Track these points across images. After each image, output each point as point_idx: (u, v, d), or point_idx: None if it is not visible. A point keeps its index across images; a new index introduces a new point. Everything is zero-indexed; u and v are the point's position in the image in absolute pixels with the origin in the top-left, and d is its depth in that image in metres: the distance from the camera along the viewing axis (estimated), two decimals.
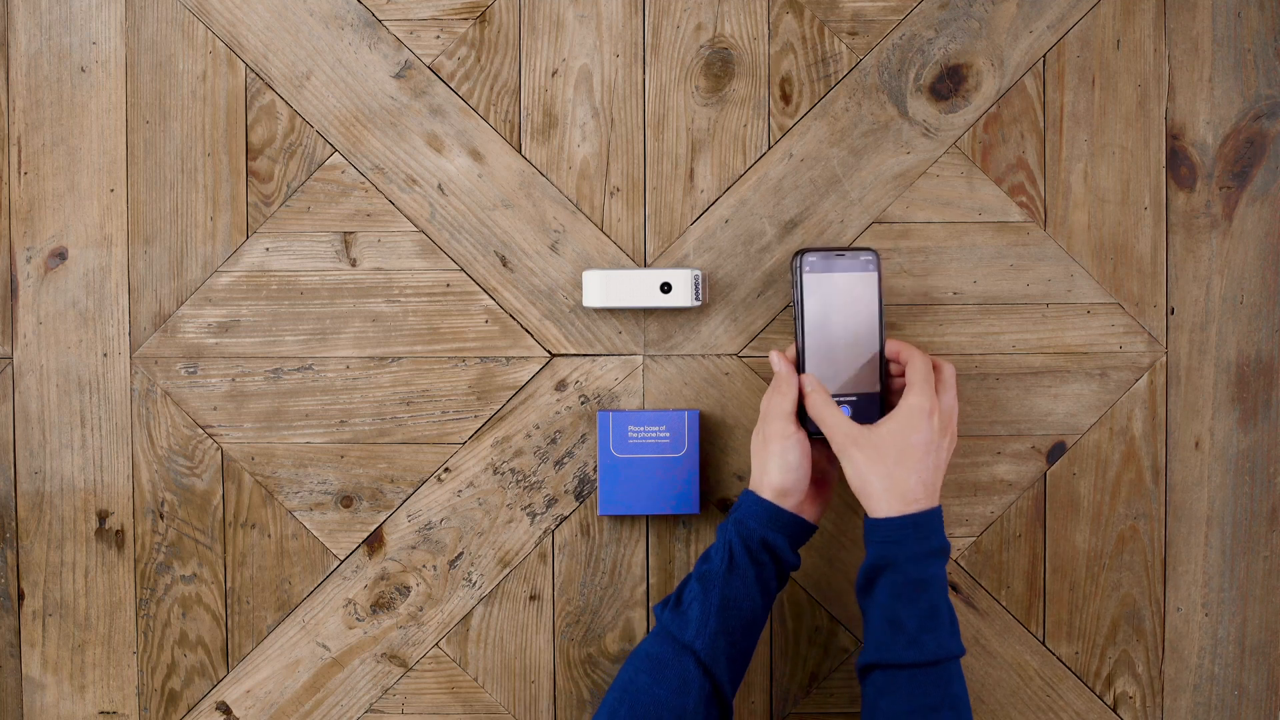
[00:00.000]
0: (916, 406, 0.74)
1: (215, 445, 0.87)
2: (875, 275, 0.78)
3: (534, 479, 0.87)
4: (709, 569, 0.75)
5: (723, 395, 0.86)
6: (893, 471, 0.72)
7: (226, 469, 0.87)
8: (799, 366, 0.79)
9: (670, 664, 0.73)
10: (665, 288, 0.83)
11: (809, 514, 0.78)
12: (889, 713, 0.71)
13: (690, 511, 0.85)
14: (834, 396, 0.78)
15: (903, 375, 0.78)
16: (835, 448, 0.74)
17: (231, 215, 0.87)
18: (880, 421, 0.74)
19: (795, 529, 0.76)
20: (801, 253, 0.78)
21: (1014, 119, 0.86)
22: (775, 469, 0.75)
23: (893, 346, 0.78)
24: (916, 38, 0.86)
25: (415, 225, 0.86)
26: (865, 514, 0.74)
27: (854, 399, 0.78)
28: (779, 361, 0.78)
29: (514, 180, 0.86)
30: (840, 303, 0.78)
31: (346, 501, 0.87)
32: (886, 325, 0.84)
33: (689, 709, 0.72)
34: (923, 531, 0.72)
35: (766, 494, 0.76)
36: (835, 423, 0.74)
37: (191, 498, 0.87)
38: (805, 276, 0.78)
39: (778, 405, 0.76)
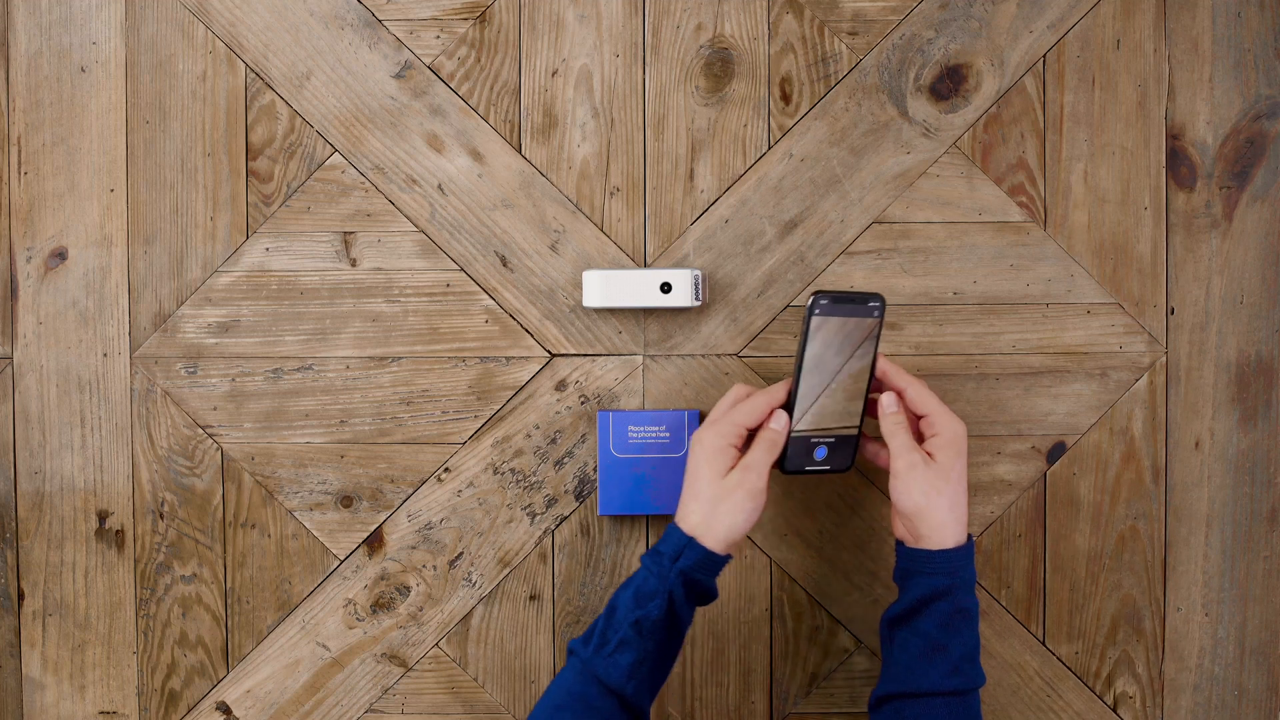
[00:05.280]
0: (957, 431, 0.73)
1: (215, 445, 0.87)
2: (878, 321, 0.76)
3: (534, 479, 0.87)
4: (645, 616, 0.72)
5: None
6: (955, 498, 0.72)
7: (226, 469, 0.87)
8: (789, 403, 0.76)
9: (596, 706, 0.71)
10: (665, 288, 0.83)
11: None
12: None
13: None
14: (813, 434, 0.76)
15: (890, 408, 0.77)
16: (899, 472, 0.73)
17: (231, 215, 0.87)
18: (927, 447, 0.74)
19: (723, 566, 0.75)
20: (817, 294, 0.75)
21: (1014, 119, 0.86)
22: (743, 522, 0.72)
23: (894, 378, 0.76)
24: (916, 38, 0.86)
25: (415, 225, 0.86)
26: (911, 544, 0.74)
27: (832, 440, 0.77)
28: (781, 421, 0.75)
29: (514, 180, 0.86)
30: (839, 345, 0.76)
31: (346, 501, 0.87)
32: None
33: None
34: (971, 560, 0.73)
35: (716, 545, 0.72)
36: (904, 448, 0.73)
37: (191, 498, 0.87)
38: (814, 318, 0.75)
39: (765, 459, 0.74)
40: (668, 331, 0.86)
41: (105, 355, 0.87)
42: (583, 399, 0.87)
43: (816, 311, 0.75)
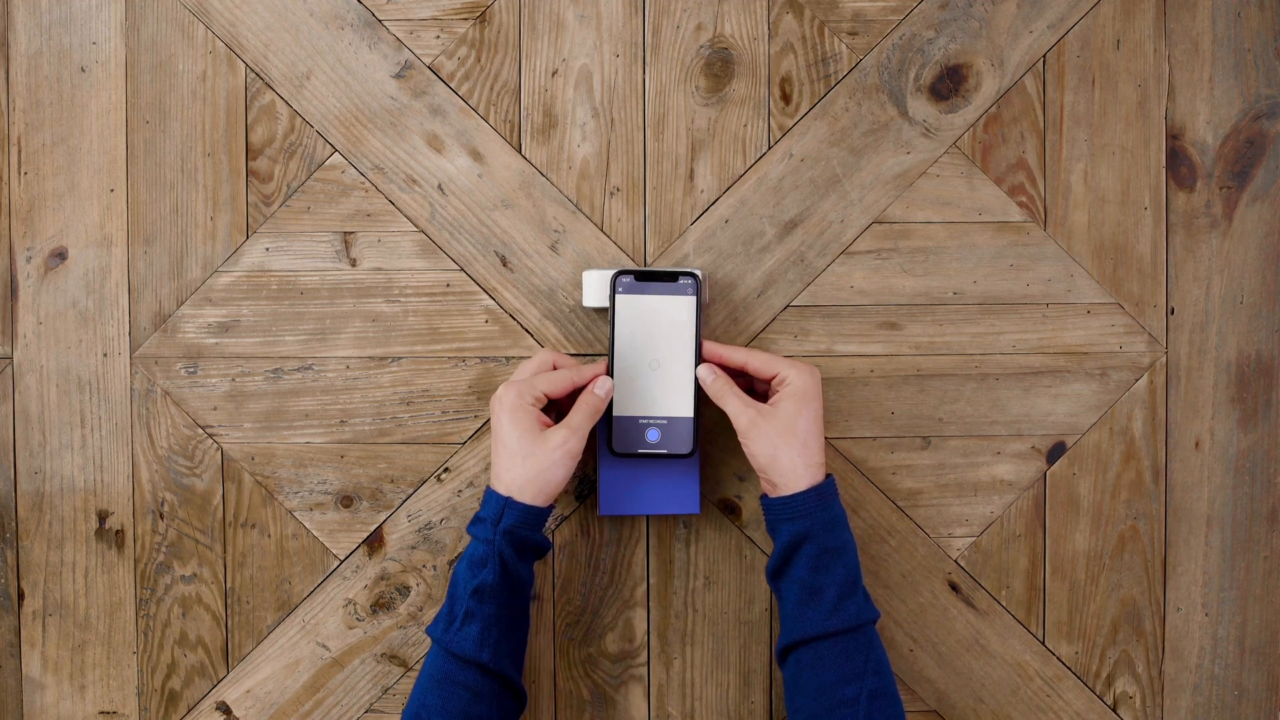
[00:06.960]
0: (803, 381, 0.77)
1: (215, 445, 0.87)
2: (694, 300, 0.79)
3: None
4: (483, 584, 0.74)
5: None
6: (804, 444, 0.75)
7: (226, 469, 0.87)
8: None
9: (460, 680, 0.73)
10: None
11: None
12: (814, 686, 0.73)
13: (690, 511, 0.85)
14: (641, 419, 0.80)
15: (760, 381, 0.80)
16: (741, 430, 0.76)
17: (231, 215, 0.87)
18: (774, 401, 0.77)
19: (547, 518, 0.77)
20: (619, 272, 0.79)
21: (1014, 119, 0.86)
22: (559, 480, 0.75)
23: (728, 356, 0.79)
24: (916, 38, 0.86)
25: (415, 225, 0.86)
26: (771, 494, 0.76)
27: (664, 422, 0.80)
28: (604, 388, 0.79)
29: (514, 180, 0.86)
30: (655, 325, 0.79)
31: (346, 501, 0.87)
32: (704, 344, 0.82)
33: (484, 714, 0.74)
34: (829, 499, 0.76)
35: (536, 499, 0.75)
36: (739, 408, 0.77)
37: (191, 498, 0.87)
38: (618, 298, 0.78)
39: (585, 423, 0.77)
40: None
41: (105, 355, 0.87)
42: None
43: (620, 290, 0.78)
